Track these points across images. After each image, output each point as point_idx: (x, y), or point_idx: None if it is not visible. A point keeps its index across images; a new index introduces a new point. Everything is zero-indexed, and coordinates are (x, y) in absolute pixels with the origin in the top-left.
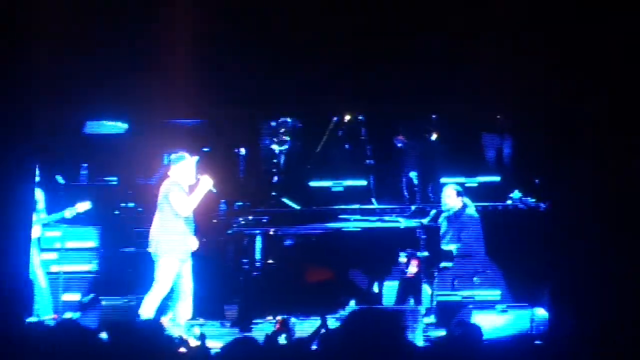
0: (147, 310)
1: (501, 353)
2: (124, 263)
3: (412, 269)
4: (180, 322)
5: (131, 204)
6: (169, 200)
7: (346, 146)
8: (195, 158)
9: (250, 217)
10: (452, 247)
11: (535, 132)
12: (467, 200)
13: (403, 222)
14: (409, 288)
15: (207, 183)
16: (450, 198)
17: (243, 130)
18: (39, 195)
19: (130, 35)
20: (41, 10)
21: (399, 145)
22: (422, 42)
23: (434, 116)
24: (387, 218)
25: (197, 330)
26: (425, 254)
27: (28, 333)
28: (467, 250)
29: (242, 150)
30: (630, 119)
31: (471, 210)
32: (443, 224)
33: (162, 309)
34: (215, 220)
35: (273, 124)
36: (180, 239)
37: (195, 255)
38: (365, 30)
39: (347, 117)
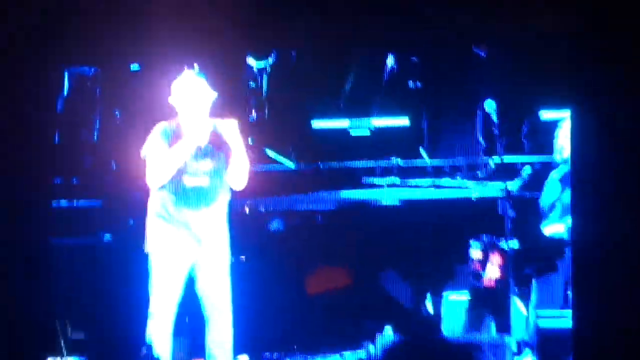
0: (156, 341)
1: None
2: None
3: (493, 271)
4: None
5: None
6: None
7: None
8: (194, 72)
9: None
10: (564, 231)
11: None
12: None
13: (475, 189)
14: (487, 304)
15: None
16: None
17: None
18: None
19: None
20: None
21: (479, 55)
22: None
23: None
24: (446, 181)
25: None
26: (516, 244)
27: None
28: None
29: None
30: None
31: None
32: (551, 189)
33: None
34: None
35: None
36: (171, 224)
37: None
38: None
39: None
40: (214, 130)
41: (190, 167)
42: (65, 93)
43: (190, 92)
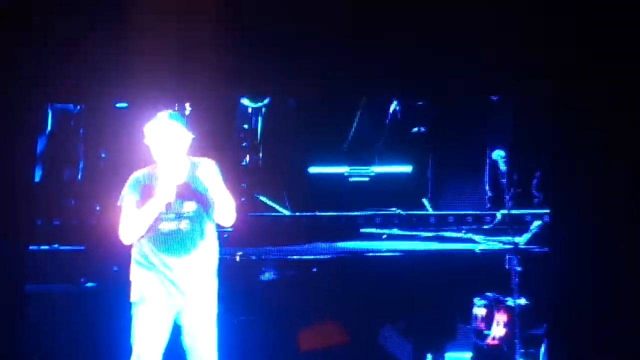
0: None
1: None
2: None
3: (498, 330)
4: None
5: None
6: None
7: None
8: (167, 114)
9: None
10: None
11: None
12: None
13: (481, 242)
14: None
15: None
16: None
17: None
18: None
19: None
20: None
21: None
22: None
23: None
24: (450, 234)
25: None
26: (523, 302)
27: None
28: None
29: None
30: None
31: None
32: None
33: None
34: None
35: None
36: (153, 272)
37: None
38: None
39: None
40: (192, 171)
41: (168, 211)
42: (48, 130)
43: (164, 134)
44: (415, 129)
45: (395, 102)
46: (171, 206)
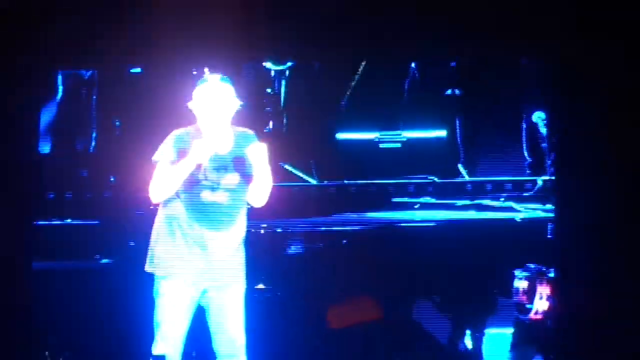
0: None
1: None
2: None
3: (541, 304)
4: None
5: None
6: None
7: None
8: (219, 77)
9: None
10: None
11: None
12: None
13: (521, 210)
14: (534, 341)
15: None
16: None
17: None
18: None
19: None
20: None
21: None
22: None
23: None
24: (488, 202)
25: None
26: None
27: None
28: None
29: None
30: None
31: None
32: None
33: None
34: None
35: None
36: (183, 242)
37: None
38: None
39: None
40: (237, 142)
41: (210, 179)
42: (59, 98)
43: (214, 98)
44: (449, 91)
45: (425, 64)
46: (213, 175)
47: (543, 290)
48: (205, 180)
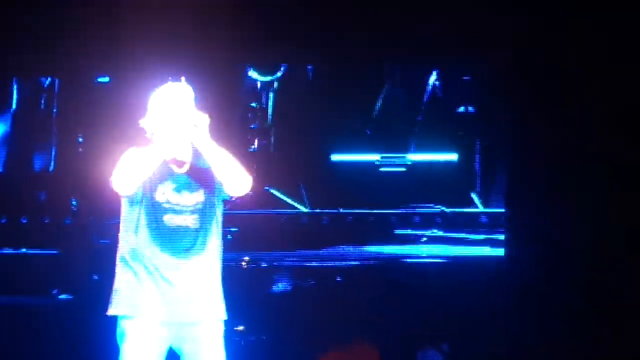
0: None
1: None
2: None
3: None
4: None
5: None
6: None
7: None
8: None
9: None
10: None
11: None
12: None
13: None
14: None
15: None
16: None
17: None
18: None
19: None
20: None
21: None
22: None
23: None
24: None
25: None
26: None
27: None
28: None
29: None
30: None
31: None
32: None
33: None
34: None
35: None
36: (148, 276)
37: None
38: None
39: None
40: (195, 154)
41: (172, 201)
42: (13, 109)
43: (169, 103)
44: (462, 109)
45: (434, 75)
46: (175, 196)
47: None
48: (166, 203)
